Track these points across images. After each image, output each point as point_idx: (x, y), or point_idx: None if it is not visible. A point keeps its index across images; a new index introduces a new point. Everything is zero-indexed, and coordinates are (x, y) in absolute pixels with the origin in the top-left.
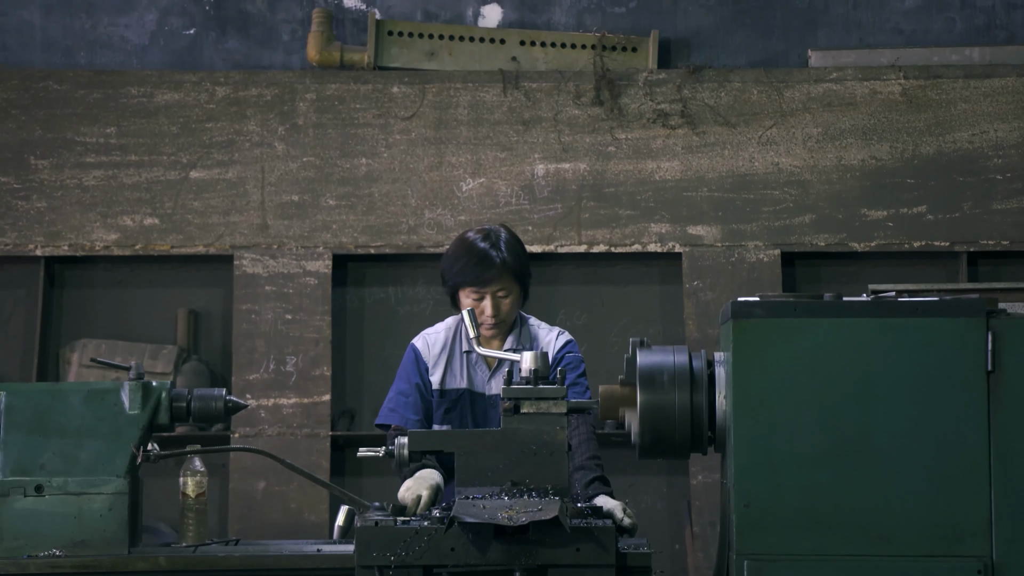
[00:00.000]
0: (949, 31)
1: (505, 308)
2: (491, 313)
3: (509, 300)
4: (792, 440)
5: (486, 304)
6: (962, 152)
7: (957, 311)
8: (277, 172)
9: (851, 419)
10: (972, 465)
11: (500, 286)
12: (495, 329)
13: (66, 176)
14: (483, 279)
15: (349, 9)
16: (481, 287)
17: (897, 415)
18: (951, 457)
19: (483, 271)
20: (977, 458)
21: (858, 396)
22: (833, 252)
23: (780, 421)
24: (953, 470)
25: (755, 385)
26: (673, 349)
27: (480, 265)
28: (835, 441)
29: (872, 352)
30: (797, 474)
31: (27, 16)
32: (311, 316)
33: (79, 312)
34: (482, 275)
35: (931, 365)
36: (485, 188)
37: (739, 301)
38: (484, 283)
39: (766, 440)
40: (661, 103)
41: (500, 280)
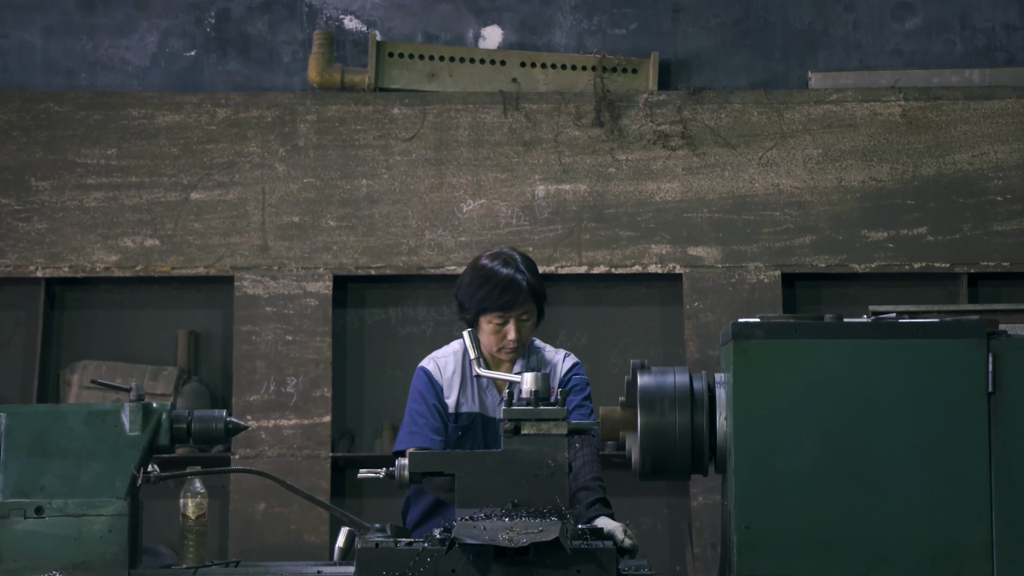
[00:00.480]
0: (949, 53)
1: (526, 331)
2: (514, 337)
3: (530, 323)
4: (793, 461)
5: (509, 328)
6: (962, 173)
7: (958, 333)
8: (278, 193)
9: (852, 440)
10: (973, 486)
11: (524, 310)
12: (514, 354)
13: (67, 197)
14: (510, 304)
15: (350, 31)
16: (507, 311)
17: (898, 437)
18: (952, 478)
19: (511, 297)
20: (978, 479)
21: (859, 417)
22: (833, 273)
23: (781, 442)
24: (954, 491)
25: (756, 406)
26: (674, 370)
27: (508, 291)
28: (836, 462)
29: (873, 373)
30: (798, 495)
31: (28, 38)
32: (311, 337)
33: (79, 333)
34: (510, 300)
35: (932, 386)
36: (486, 209)
37: (740, 322)
38: (510, 308)
39: (767, 461)
40: (661, 124)
41: (524, 304)
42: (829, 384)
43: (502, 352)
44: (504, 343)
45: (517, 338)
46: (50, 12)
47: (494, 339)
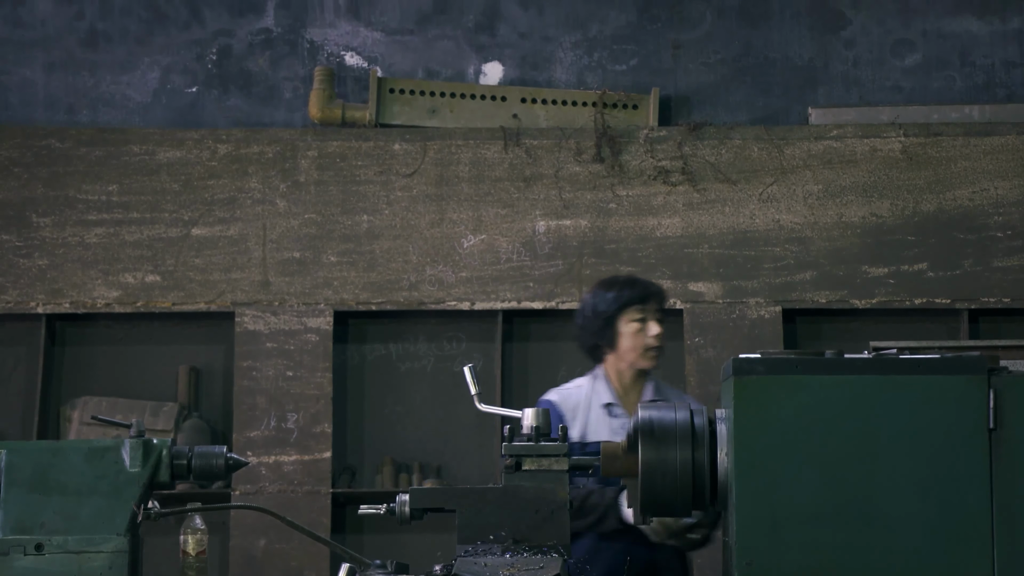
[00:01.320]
0: (949, 89)
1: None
2: (656, 332)
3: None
4: (794, 497)
5: (651, 323)
6: (963, 209)
7: (958, 369)
8: (279, 229)
9: (853, 476)
10: (974, 523)
11: (657, 307)
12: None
13: (68, 234)
14: (646, 295)
15: (351, 67)
16: (644, 304)
17: (899, 472)
18: (953, 514)
19: (645, 288)
20: (979, 516)
21: (860, 453)
22: (834, 309)
23: (782, 478)
24: (955, 527)
25: (757, 442)
26: (674, 406)
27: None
28: (837, 498)
29: (874, 409)
30: (799, 532)
31: (30, 74)
32: (312, 373)
33: (80, 369)
34: (645, 291)
35: (933, 422)
36: (486, 245)
37: (740, 358)
38: (647, 299)
39: (768, 497)
40: (662, 160)
41: (657, 302)
42: (830, 420)
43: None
44: (647, 340)
45: (660, 333)
46: (52, 49)
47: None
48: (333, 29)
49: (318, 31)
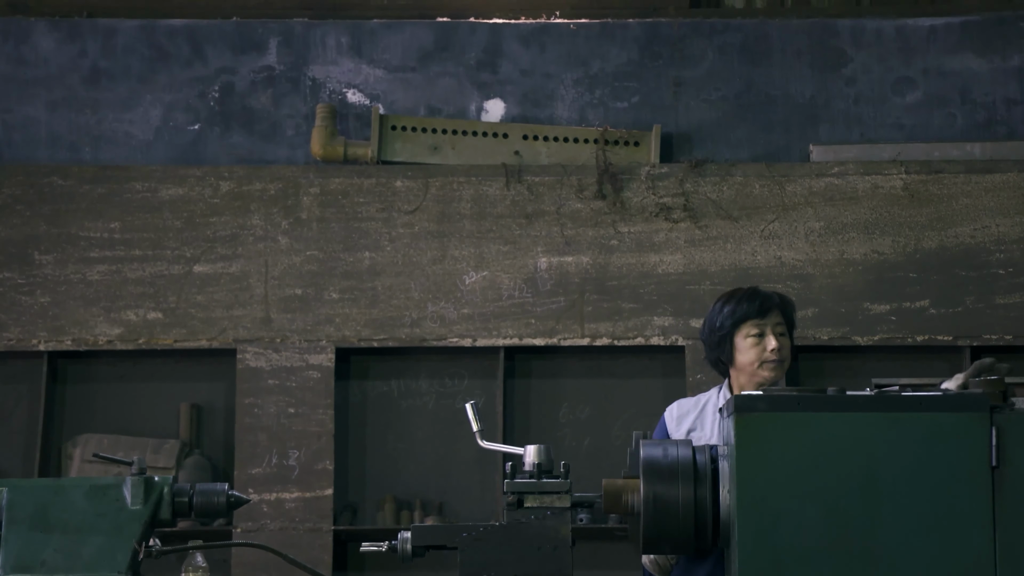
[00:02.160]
0: (950, 126)
1: (785, 347)
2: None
3: (787, 341)
4: (796, 535)
5: (769, 338)
6: (964, 247)
7: (961, 406)
8: (280, 266)
9: (855, 514)
10: (977, 560)
11: (778, 320)
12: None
13: (70, 271)
14: (763, 308)
15: (353, 104)
16: (762, 318)
17: (901, 510)
18: (956, 552)
19: (762, 301)
20: (982, 553)
21: (862, 491)
22: (836, 346)
23: (784, 516)
24: (958, 565)
25: (758, 479)
26: (677, 443)
27: (757, 298)
28: (839, 536)
29: (876, 447)
30: (801, 570)
31: (32, 112)
32: (314, 410)
33: (82, 407)
34: (762, 305)
35: (935, 460)
36: (488, 281)
37: (742, 395)
38: (764, 312)
39: (770, 535)
40: (663, 197)
41: (777, 315)
42: (832, 457)
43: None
44: (765, 355)
45: (778, 347)
46: (55, 87)
47: (754, 352)
48: (335, 67)
49: (320, 68)
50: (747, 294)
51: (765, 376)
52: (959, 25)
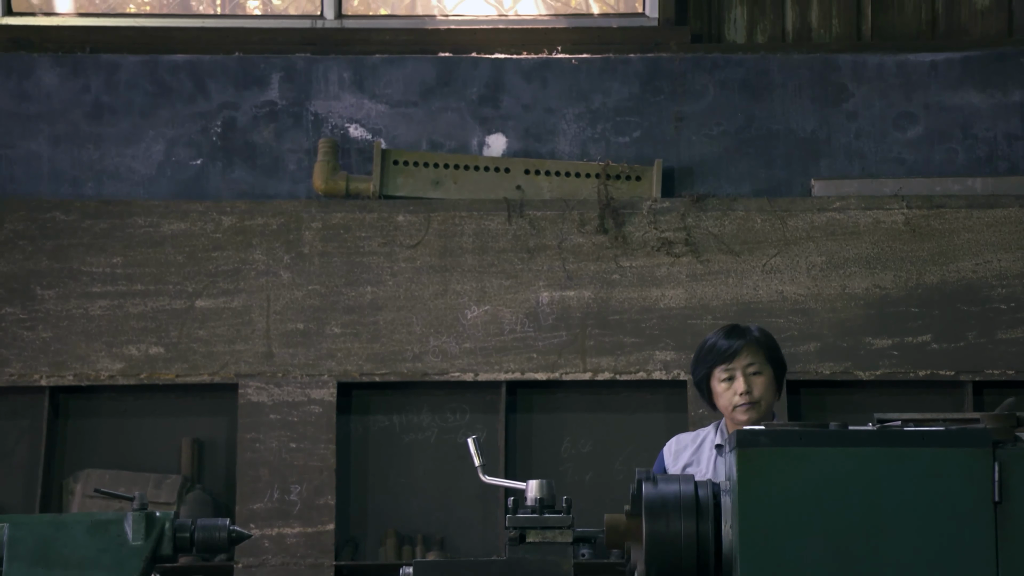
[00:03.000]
0: (951, 161)
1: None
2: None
3: (763, 379)
4: (799, 571)
5: (738, 381)
6: (966, 282)
7: (963, 441)
8: (282, 300)
9: (858, 549)
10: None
11: (749, 361)
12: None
13: (72, 306)
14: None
15: (355, 139)
16: (730, 362)
17: (904, 546)
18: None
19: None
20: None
21: (865, 526)
22: (838, 380)
23: (786, 551)
24: None
25: (761, 515)
26: (679, 478)
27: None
28: (842, 572)
29: (878, 482)
30: None
31: (35, 148)
32: (315, 444)
33: (83, 442)
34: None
35: (938, 495)
36: (490, 316)
37: (744, 430)
38: (732, 357)
39: (772, 570)
40: (665, 231)
41: (749, 354)
42: (834, 492)
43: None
44: (735, 399)
45: (746, 391)
46: (57, 122)
47: (727, 396)
48: (337, 101)
49: (322, 103)
50: (718, 337)
51: (740, 419)
52: (960, 61)
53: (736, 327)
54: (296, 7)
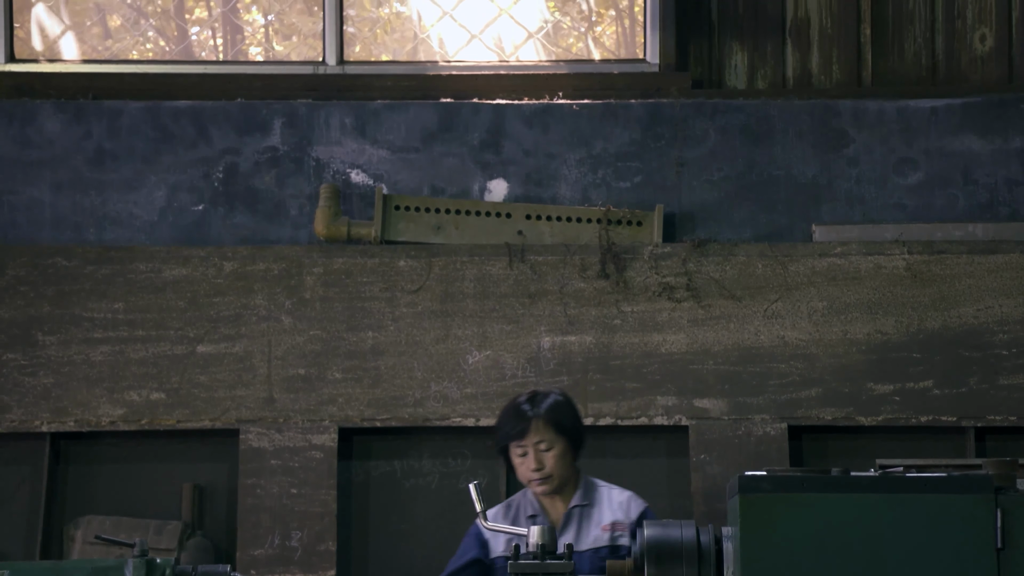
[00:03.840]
0: (952, 207)
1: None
2: (533, 467)
3: (553, 453)
4: None
5: (529, 459)
6: (967, 327)
7: (966, 487)
8: (284, 346)
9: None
10: None
11: (539, 438)
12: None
13: (73, 352)
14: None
15: (356, 184)
16: (520, 439)
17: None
18: None
19: (517, 423)
20: None
21: (866, 572)
22: (840, 426)
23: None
24: None
25: (763, 561)
26: (680, 523)
27: (515, 418)
28: None
29: (880, 528)
30: None
31: (37, 194)
32: (316, 490)
33: (84, 488)
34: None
35: (940, 542)
36: (491, 361)
37: (746, 475)
38: (521, 435)
39: None
40: (666, 276)
41: (537, 432)
42: (836, 538)
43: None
44: (528, 475)
45: (537, 467)
46: (59, 168)
47: (522, 470)
48: (339, 147)
49: (324, 149)
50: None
51: (538, 491)
52: (960, 107)
53: (533, 397)
54: (298, 53)
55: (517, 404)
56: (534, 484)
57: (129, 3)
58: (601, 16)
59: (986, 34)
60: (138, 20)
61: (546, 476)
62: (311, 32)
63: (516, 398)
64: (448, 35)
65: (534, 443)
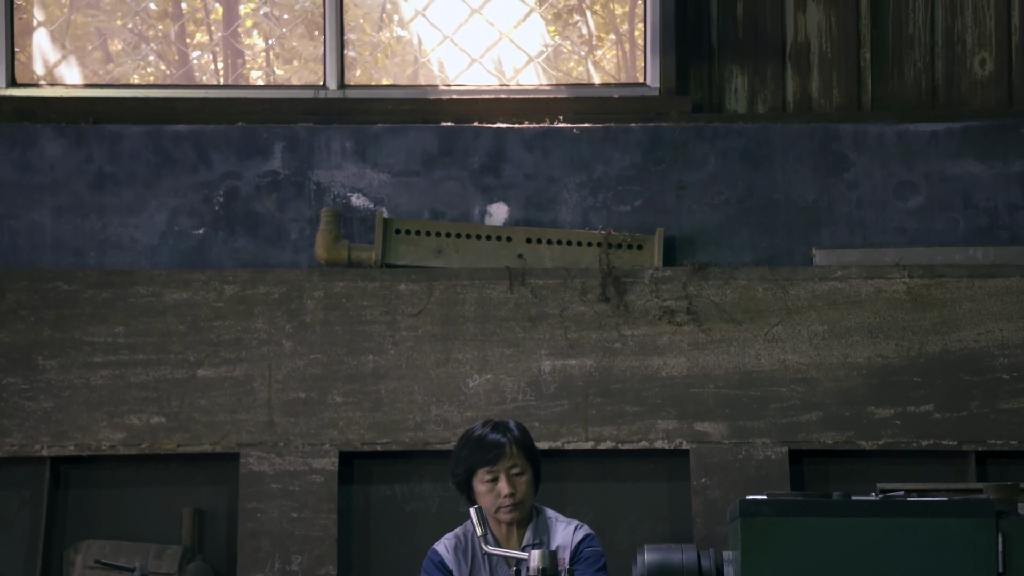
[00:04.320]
0: (952, 231)
1: (522, 488)
2: (508, 492)
3: (525, 479)
4: None
5: (502, 484)
6: (968, 351)
7: (967, 512)
8: (284, 369)
9: None
10: None
11: (513, 463)
12: (515, 511)
13: (73, 376)
14: (494, 455)
15: (357, 208)
16: (493, 465)
17: None
18: None
19: (493, 448)
20: None
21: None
22: (841, 450)
23: None
24: None
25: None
26: (681, 548)
27: (489, 443)
28: None
29: (881, 552)
30: None
31: (38, 218)
32: (317, 514)
33: (84, 513)
34: (492, 451)
35: (941, 566)
36: (492, 384)
37: (747, 500)
38: (496, 460)
39: None
40: (667, 300)
41: (512, 457)
42: (838, 563)
43: (501, 512)
44: (500, 500)
45: (511, 492)
46: (60, 192)
47: (490, 499)
48: (340, 171)
49: (325, 173)
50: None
51: (503, 518)
52: (960, 131)
53: (498, 425)
54: (299, 77)
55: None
56: (504, 512)
57: (130, 28)
58: (601, 40)
59: (986, 58)
60: (139, 44)
61: (518, 502)
62: (312, 56)
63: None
64: (448, 59)
65: (507, 467)
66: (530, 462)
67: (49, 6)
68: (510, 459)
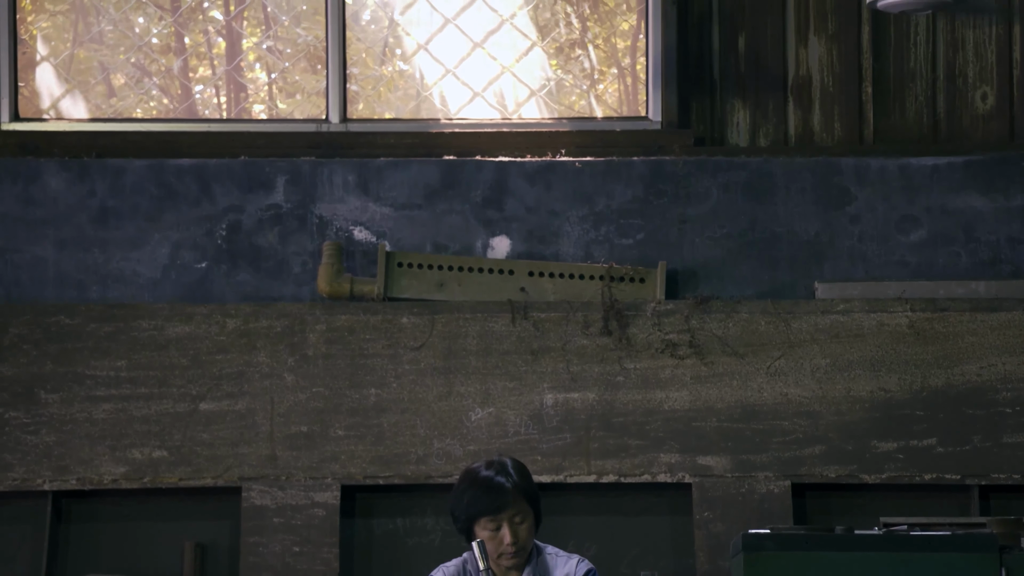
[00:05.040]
0: (954, 265)
1: (524, 534)
2: (511, 541)
3: (526, 525)
4: None
5: (504, 533)
6: (971, 385)
7: (970, 546)
8: (286, 403)
9: None
10: None
11: (515, 511)
12: (516, 558)
13: (75, 410)
14: (497, 506)
15: (359, 241)
16: (496, 514)
17: None
18: None
19: (496, 497)
20: None
21: None
22: (843, 484)
23: None
24: None
25: None
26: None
27: (492, 492)
28: None
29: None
30: None
31: (40, 252)
32: (319, 548)
33: (85, 547)
34: (495, 502)
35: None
36: (494, 418)
37: (750, 533)
38: (499, 510)
39: None
40: (669, 333)
41: (514, 505)
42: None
43: (503, 559)
44: (503, 548)
45: (514, 541)
46: (63, 226)
47: (492, 545)
48: (342, 204)
49: (327, 206)
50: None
51: (505, 565)
52: (962, 165)
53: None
54: (301, 111)
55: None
56: (506, 558)
57: (133, 62)
58: (603, 74)
59: (987, 92)
60: (142, 79)
61: (520, 549)
62: (314, 90)
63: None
64: (451, 93)
65: (510, 516)
66: (531, 506)
67: (53, 40)
68: (512, 508)
